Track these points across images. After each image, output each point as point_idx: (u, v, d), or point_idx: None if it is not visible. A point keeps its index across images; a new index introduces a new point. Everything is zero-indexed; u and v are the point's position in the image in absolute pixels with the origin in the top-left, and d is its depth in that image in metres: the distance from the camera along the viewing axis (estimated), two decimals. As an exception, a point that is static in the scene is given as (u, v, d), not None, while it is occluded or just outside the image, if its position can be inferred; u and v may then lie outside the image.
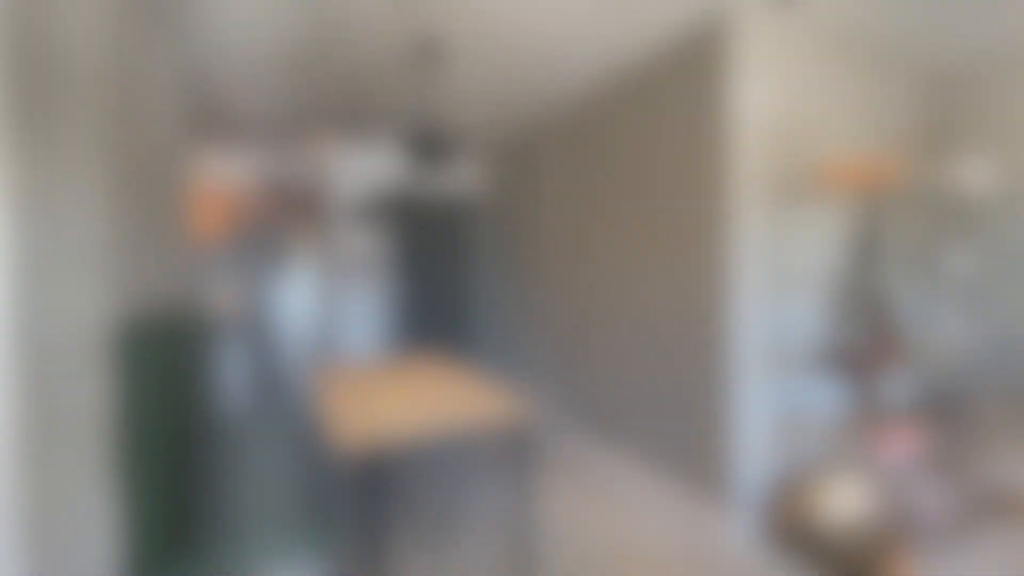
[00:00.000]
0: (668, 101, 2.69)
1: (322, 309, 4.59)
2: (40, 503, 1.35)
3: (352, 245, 4.70)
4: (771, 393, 2.43)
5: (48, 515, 1.36)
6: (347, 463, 1.58)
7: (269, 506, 1.86)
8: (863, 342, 2.58)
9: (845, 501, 2.24)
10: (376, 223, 3.12)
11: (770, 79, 2.42)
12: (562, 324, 3.82)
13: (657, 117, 2.77)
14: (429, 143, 1.73)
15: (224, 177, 4.81)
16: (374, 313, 4.80)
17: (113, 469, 1.45)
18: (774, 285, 2.37)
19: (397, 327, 5.09)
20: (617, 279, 3.17)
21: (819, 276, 2.58)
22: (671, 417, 2.74)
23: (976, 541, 2.33)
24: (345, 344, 4.69)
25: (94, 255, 1.38)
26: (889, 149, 2.89)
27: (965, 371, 2.80)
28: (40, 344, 1.33)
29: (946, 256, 2.30)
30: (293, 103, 3.39)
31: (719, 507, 2.43)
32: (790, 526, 2.29)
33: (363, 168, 4.68)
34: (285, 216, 4.57)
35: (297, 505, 1.90)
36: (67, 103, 1.34)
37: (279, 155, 4.62)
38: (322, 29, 2.35)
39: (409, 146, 1.80)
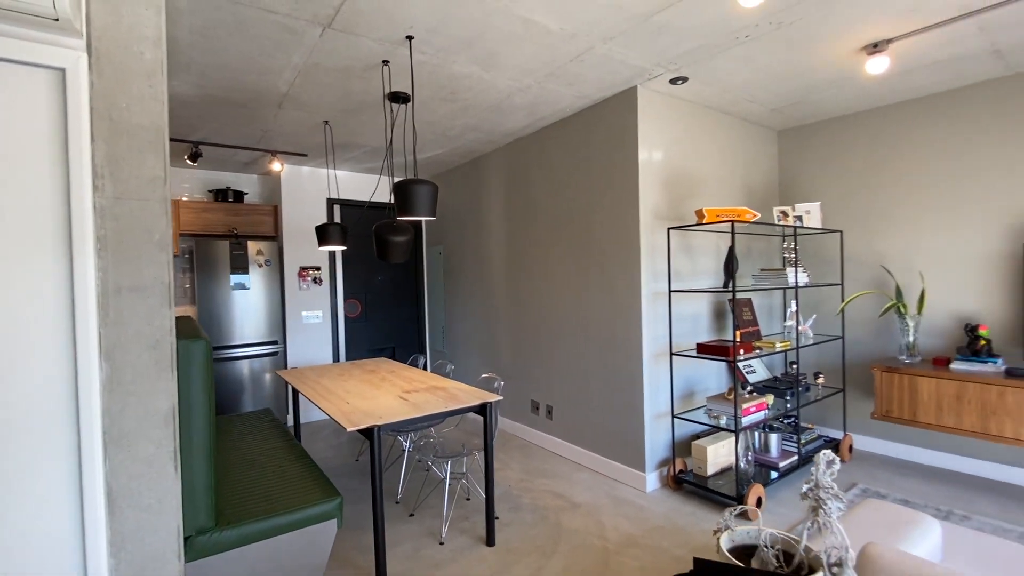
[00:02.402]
0: (596, 138, 3.42)
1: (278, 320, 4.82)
2: (120, 480, 1.73)
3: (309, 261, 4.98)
4: (670, 376, 3.21)
5: (126, 490, 1.74)
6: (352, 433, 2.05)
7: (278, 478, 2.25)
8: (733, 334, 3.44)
9: (722, 451, 3.07)
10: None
11: (661, 135, 3.23)
12: (512, 330, 4.43)
13: (588, 148, 3.50)
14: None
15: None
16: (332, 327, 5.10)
17: (178, 451, 1.85)
18: (665, 294, 3.17)
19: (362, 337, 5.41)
20: (559, 292, 3.84)
21: (703, 285, 3.44)
22: (605, 404, 3.45)
23: (806, 474, 3.28)
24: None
25: (163, 290, 1.80)
26: (745, 196, 3.86)
27: (799, 356, 3.79)
28: (125, 351, 1.72)
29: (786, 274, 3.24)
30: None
31: (635, 466, 3.17)
32: (686, 474, 3.08)
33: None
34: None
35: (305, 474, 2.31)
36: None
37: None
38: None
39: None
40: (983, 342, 3.06)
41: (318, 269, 5.09)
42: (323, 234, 3.54)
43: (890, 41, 2.54)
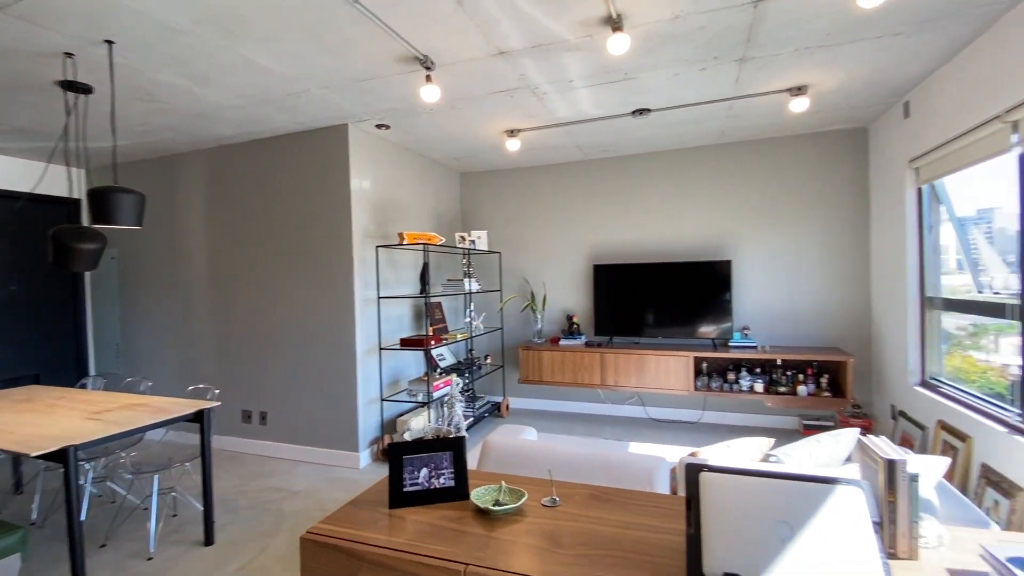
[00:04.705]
0: (313, 159, 3.79)
1: None
2: None
3: None
4: (379, 368, 3.87)
5: None
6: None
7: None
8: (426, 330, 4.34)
9: (421, 422, 3.90)
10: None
11: (370, 166, 3.88)
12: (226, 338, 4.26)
13: (303, 166, 3.82)
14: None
15: None
16: None
17: None
18: (374, 300, 3.84)
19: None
20: (277, 298, 3.99)
21: (405, 292, 4.23)
22: (321, 400, 3.82)
23: (488, 426, 4.44)
24: None
25: None
26: (436, 222, 4.89)
27: (475, 344, 4.99)
28: None
29: (466, 283, 4.33)
30: None
31: (350, 449, 3.69)
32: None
33: None
34: None
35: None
36: None
37: None
38: None
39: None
40: (575, 326, 4.81)
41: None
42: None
43: (519, 131, 3.84)
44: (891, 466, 1.11)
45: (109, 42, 2.32)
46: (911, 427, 3.24)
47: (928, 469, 1.55)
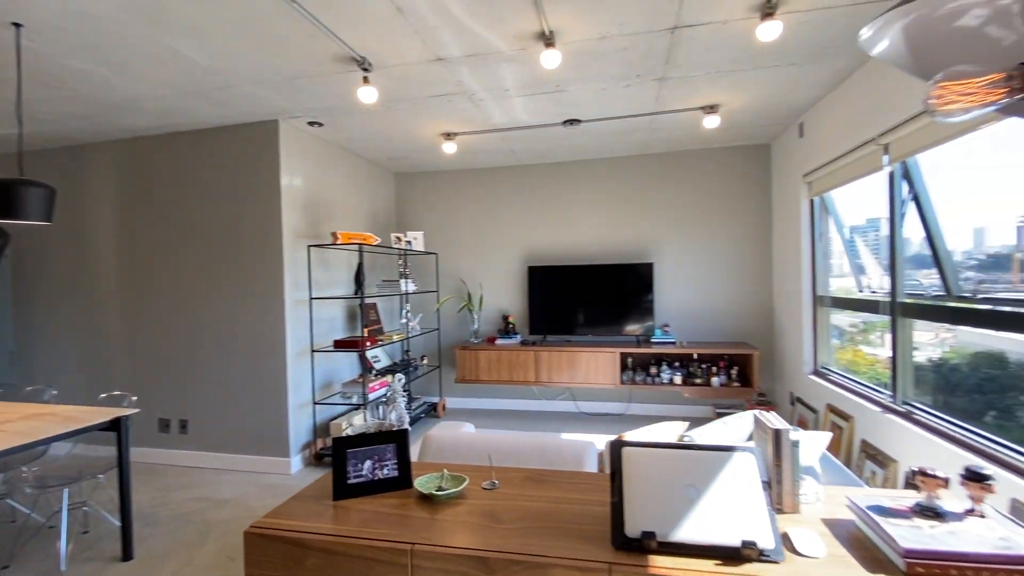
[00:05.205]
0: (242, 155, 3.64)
1: None
2: None
3: None
4: (310, 369, 3.79)
5: None
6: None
7: None
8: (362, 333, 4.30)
9: (356, 424, 3.86)
10: None
11: (301, 164, 3.80)
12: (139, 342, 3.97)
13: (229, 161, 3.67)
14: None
15: None
16: None
17: None
18: (306, 301, 3.76)
19: None
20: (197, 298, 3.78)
21: (338, 292, 4.16)
22: (249, 405, 3.67)
23: (424, 427, 4.46)
24: None
25: None
26: (370, 222, 4.84)
27: (412, 345, 5.00)
28: None
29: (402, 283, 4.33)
30: None
31: (280, 454, 3.59)
32: (326, 449, 3.71)
33: None
34: None
35: None
36: None
37: None
38: None
39: None
40: (511, 325, 4.95)
41: None
42: None
43: (456, 134, 3.92)
44: (777, 435, 1.32)
45: (17, 25, 2.15)
46: (806, 411, 3.66)
47: (813, 442, 1.81)
